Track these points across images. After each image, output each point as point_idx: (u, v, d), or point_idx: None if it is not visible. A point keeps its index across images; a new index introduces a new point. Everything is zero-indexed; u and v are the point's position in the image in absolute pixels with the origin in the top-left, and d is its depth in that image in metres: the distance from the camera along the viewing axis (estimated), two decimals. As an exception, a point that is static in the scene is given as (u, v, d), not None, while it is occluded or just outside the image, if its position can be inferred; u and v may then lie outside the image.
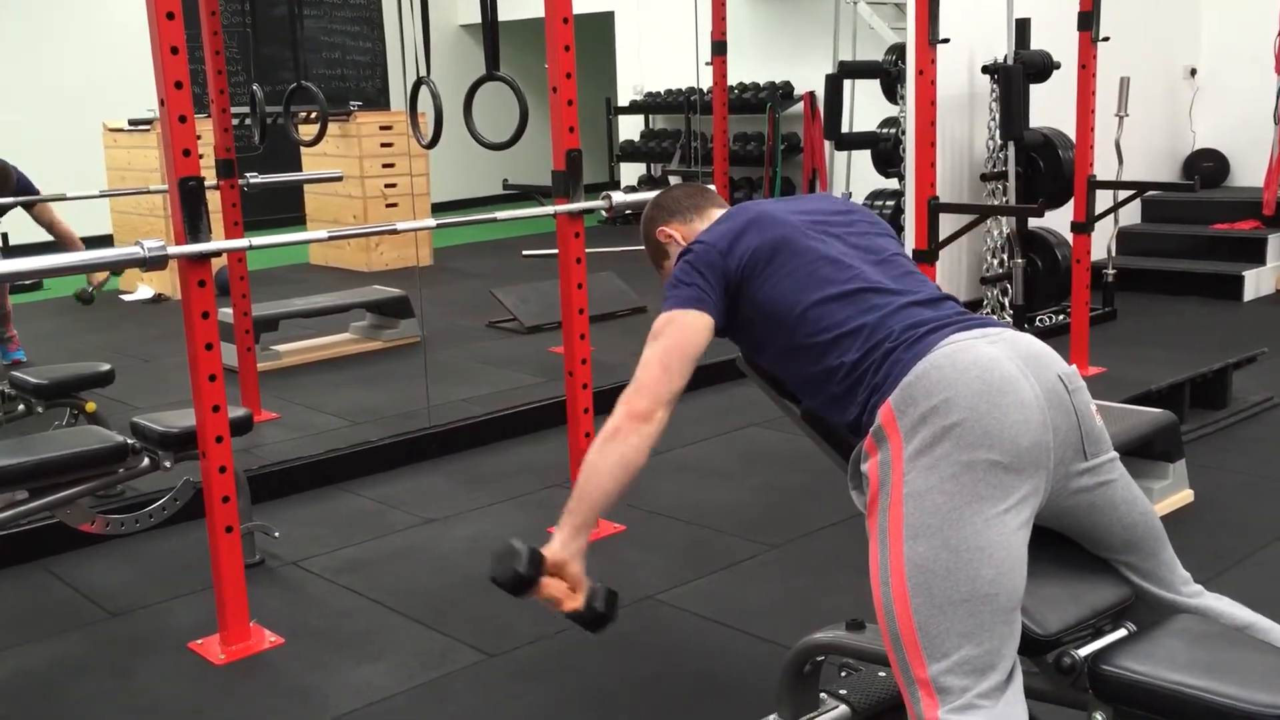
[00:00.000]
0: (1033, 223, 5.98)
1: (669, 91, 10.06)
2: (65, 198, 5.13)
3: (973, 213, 5.32)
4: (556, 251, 3.44)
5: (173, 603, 3.16)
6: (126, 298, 7.61)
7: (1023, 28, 5.90)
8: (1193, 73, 7.64)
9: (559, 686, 2.66)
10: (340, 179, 6.45)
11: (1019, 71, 5.76)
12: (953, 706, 1.61)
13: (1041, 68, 5.90)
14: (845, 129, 7.46)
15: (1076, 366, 1.79)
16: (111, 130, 7.79)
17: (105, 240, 7.77)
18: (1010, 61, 5.80)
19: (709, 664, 2.68)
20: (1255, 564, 3.17)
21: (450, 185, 10.26)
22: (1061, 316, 5.93)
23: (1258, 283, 6.69)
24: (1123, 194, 5.92)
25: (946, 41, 4.47)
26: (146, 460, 3.15)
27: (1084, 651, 1.70)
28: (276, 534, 3.41)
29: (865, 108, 7.65)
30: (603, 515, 3.50)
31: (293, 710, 2.61)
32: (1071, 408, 1.75)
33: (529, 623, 2.95)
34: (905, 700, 1.68)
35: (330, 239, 3.42)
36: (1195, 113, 7.66)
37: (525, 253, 6.36)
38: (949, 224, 4.68)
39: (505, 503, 3.85)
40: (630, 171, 10.94)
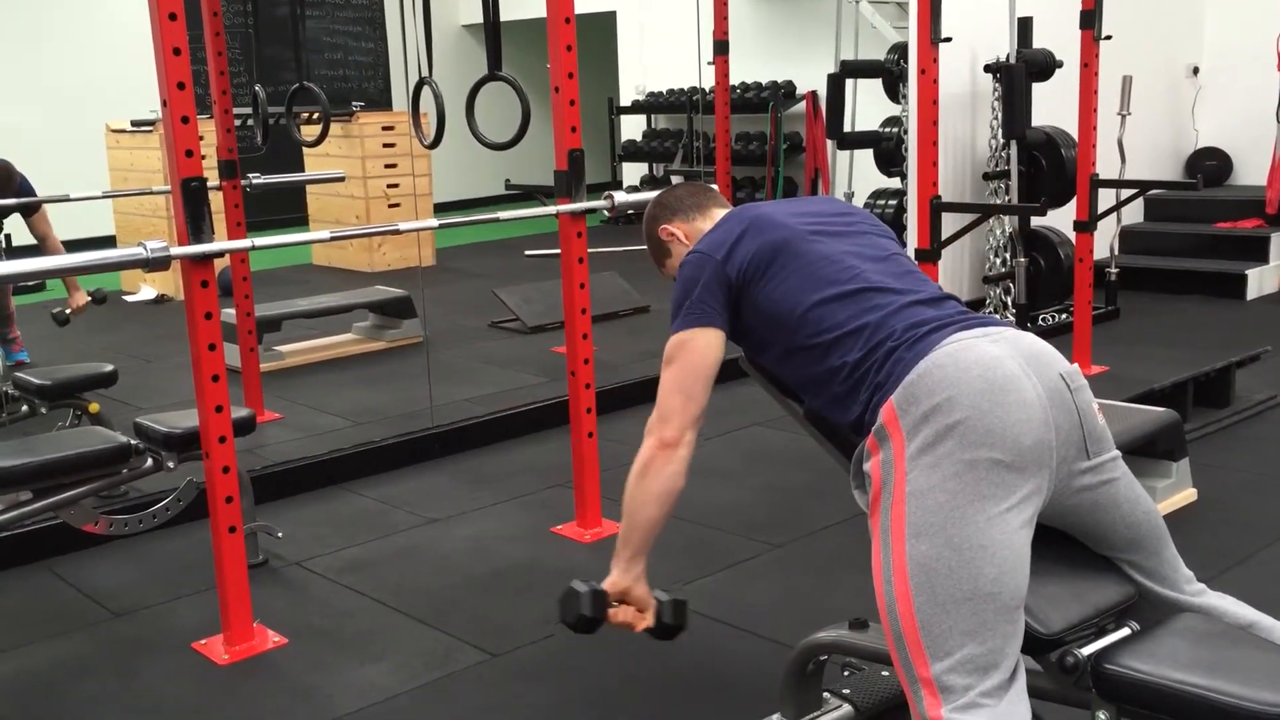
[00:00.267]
0: (1035, 221, 5.98)
1: (671, 91, 10.06)
2: (68, 199, 5.12)
3: (975, 212, 5.32)
4: (559, 251, 3.45)
5: (176, 603, 3.16)
6: (129, 298, 7.61)
7: (1025, 26, 5.90)
8: (1195, 71, 7.63)
9: (562, 686, 2.66)
10: (342, 179, 6.45)
11: (1021, 70, 5.76)
12: (956, 705, 1.61)
13: (1044, 66, 5.89)
14: (847, 128, 7.46)
15: (1079, 365, 1.79)
16: (114, 131, 7.80)
17: (108, 241, 7.78)
18: (1012, 60, 5.80)
19: (712, 663, 2.68)
20: (1258, 563, 3.17)
21: (452, 185, 10.27)
22: (1064, 315, 5.93)
23: (1260, 281, 6.68)
24: (1125, 193, 5.92)
25: (949, 40, 4.46)
26: (150, 461, 3.15)
27: (1087, 650, 1.70)
28: (280, 534, 3.41)
29: (867, 107, 7.65)
30: (607, 516, 3.53)
31: (296, 710, 2.61)
32: (1074, 406, 1.75)
33: (531, 623, 2.95)
34: (908, 699, 1.68)
35: (333, 239, 3.42)
36: (1198, 111, 7.65)
37: (528, 253, 6.36)
38: (951, 223, 4.68)
39: (508, 503, 3.85)
40: (632, 171, 10.94)
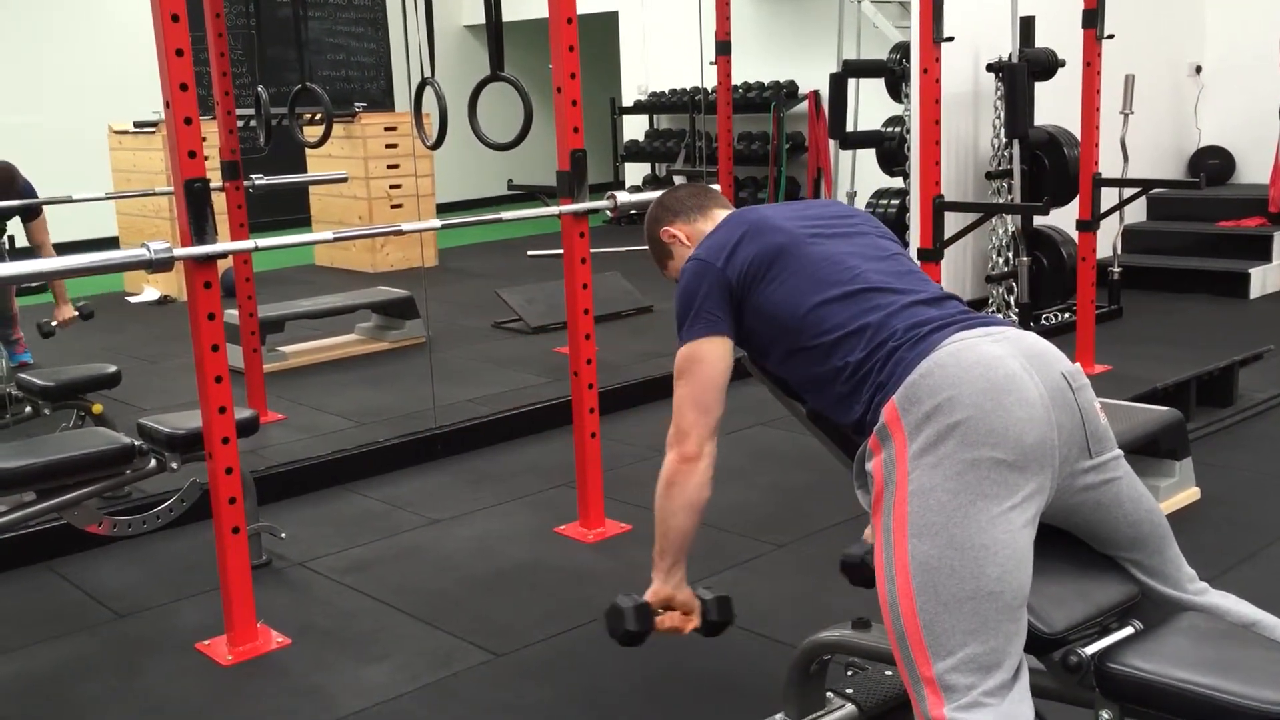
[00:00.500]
0: (1038, 221, 5.98)
1: (673, 91, 10.06)
2: (71, 200, 5.13)
3: (978, 211, 5.32)
4: (561, 251, 3.45)
5: (180, 603, 3.17)
6: (132, 299, 7.62)
7: (1027, 25, 5.90)
8: (1198, 70, 7.62)
9: (565, 686, 2.67)
10: (345, 180, 6.46)
11: (1024, 69, 5.75)
12: (959, 704, 1.61)
13: (1046, 65, 5.89)
14: (850, 128, 7.46)
15: (1080, 364, 1.79)
16: (117, 132, 7.80)
17: (111, 242, 7.79)
18: (1015, 59, 5.80)
19: (715, 663, 2.68)
20: (1261, 561, 3.17)
21: (455, 186, 10.28)
22: (1067, 315, 5.93)
23: (1264, 280, 6.68)
24: (1128, 191, 5.91)
25: (951, 40, 4.47)
26: (153, 462, 3.15)
27: (1090, 649, 1.70)
28: (283, 535, 3.42)
29: (870, 106, 7.65)
30: (610, 516, 3.53)
31: (300, 710, 2.61)
32: (1076, 406, 1.75)
33: (535, 622, 2.95)
34: (911, 698, 1.68)
35: (336, 240, 3.42)
36: (1200, 110, 7.65)
37: (530, 253, 6.37)
38: (954, 222, 4.69)
39: (511, 503, 3.85)
40: (635, 171, 10.94)
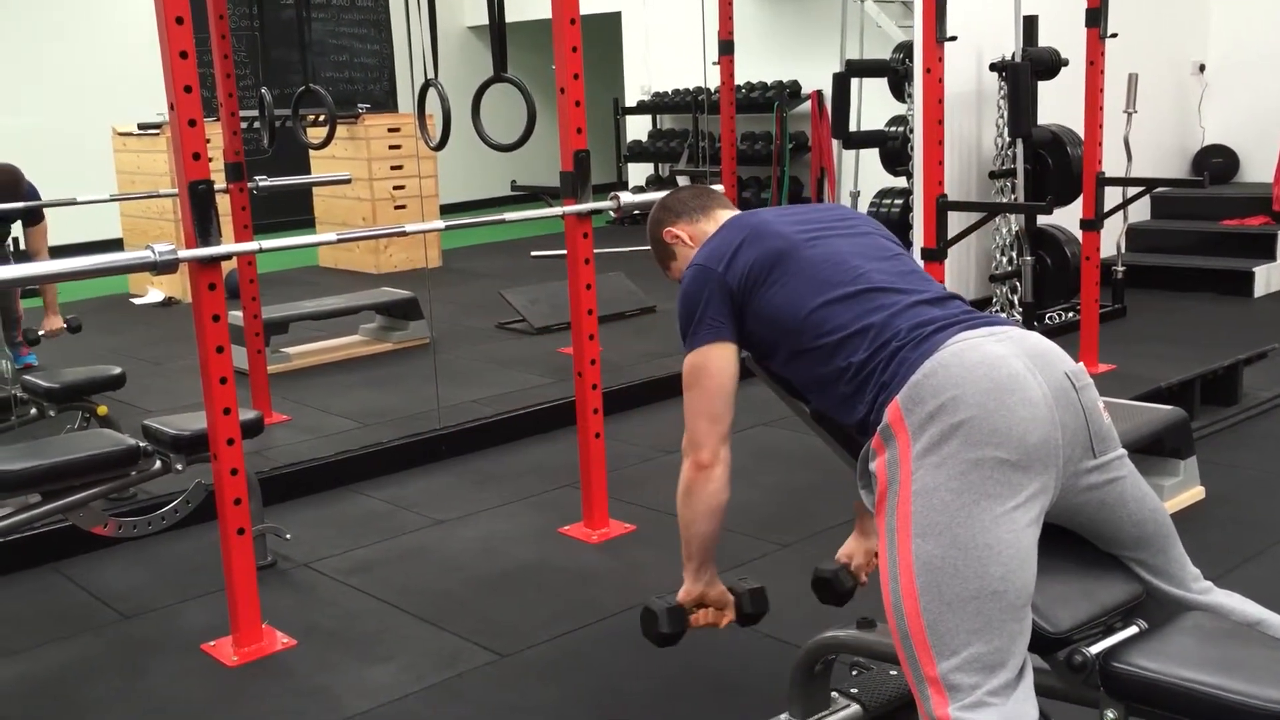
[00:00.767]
0: (1041, 220, 5.97)
1: (676, 91, 10.06)
2: (75, 202, 5.14)
3: (981, 210, 5.32)
4: (565, 252, 3.45)
5: (185, 605, 3.17)
6: (137, 301, 7.63)
7: (1030, 25, 5.89)
8: (1201, 68, 7.61)
9: (570, 686, 2.67)
10: (349, 181, 6.46)
11: (1027, 69, 5.75)
12: (963, 704, 1.61)
13: (1049, 65, 5.89)
14: (853, 128, 7.46)
15: (1084, 364, 1.79)
16: (121, 134, 7.81)
17: (115, 244, 7.79)
18: (1018, 59, 5.79)
19: (720, 663, 2.69)
20: (1266, 560, 3.17)
21: (458, 187, 10.28)
22: (1071, 314, 5.92)
23: (1268, 278, 6.67)
24: (1132, 190, 5.91)
25: (954, 39, 4.47)
26: (158, 463, 3.16)
27: (1095, 649, 1.70)
28: (288, 536, 3.42)
29: (873, 106, 7.65)
30: (614, 516, 3.53)
31: (305, 711, 2.61)
32: (1079, 405, 1.75)
33: (540, 623, 2.96)
34: (915, 698, 1.68)
35: (339, 241, 3.43)
36: (1204, 108, 7.64)
37: (534, 253, 6.39)
38: (958, 222, 4.69)
39: (515, 503, 3.85)
40: (638, 172, 10.94)
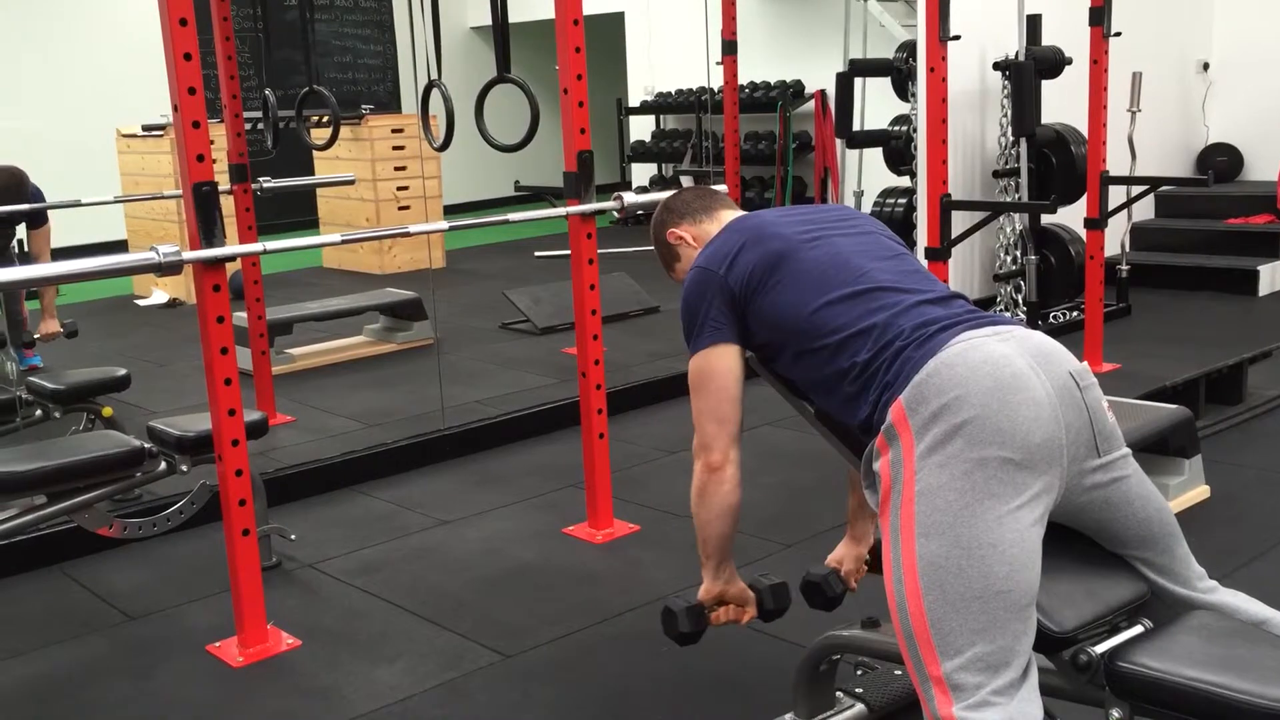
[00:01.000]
0: (1045, 219, 5.97)
1: (680, 91, 10.06)
2: (79, 204, 5.15)
3: (985, 209, 5.32)
4: (569, 252, 3.45)
5: (190, 605, 3.18)
6: (141, 303, 7.64)
7: (1034, 23, 5.89)
8: (1205, 66, 7.61)
9: (575, 686, 2.67)
10: (353, 182, 6.47)
11: (1030, 67, 5.74)
12: (967, 704, 1.61)
13: (1053, 63, 5.88)
14: (856, 127, 7.45)
15: (1088, 363, 1.79)
16: (125, 136, 7.82)
17: (120, 246, 7.81)
18: (1022, 57, 5.79)
19: (724, 663, 2.69)
20: (1271, 559, 3.16)
21: (462, 187, 10.28)
22: (1075, 313, 5.92)
23: (1273, 277, 6.66)
24: (1136, 189, 5.90)
25: (957, 38, 4.47)
26: (163, 464, 3.16)
27: (1100, 648, 1.70)
28: (293, 536, 3.43)
29: (876, 105, 7.64)
30: (618, 517, 3.54)
31: (311, 711, 2.62)
32: (1083, 405, 1.75)
33: (544, 623, 2.96)
34: (920, 698, 1.68)
35: (343, 242, 3.43)
36: (1208, 107, 7.63)
37: (538, 254, 6.39)
38: (961, 221, 4.68)
39: (520, 504, 3.86)
40: (641, 172, 10.94)
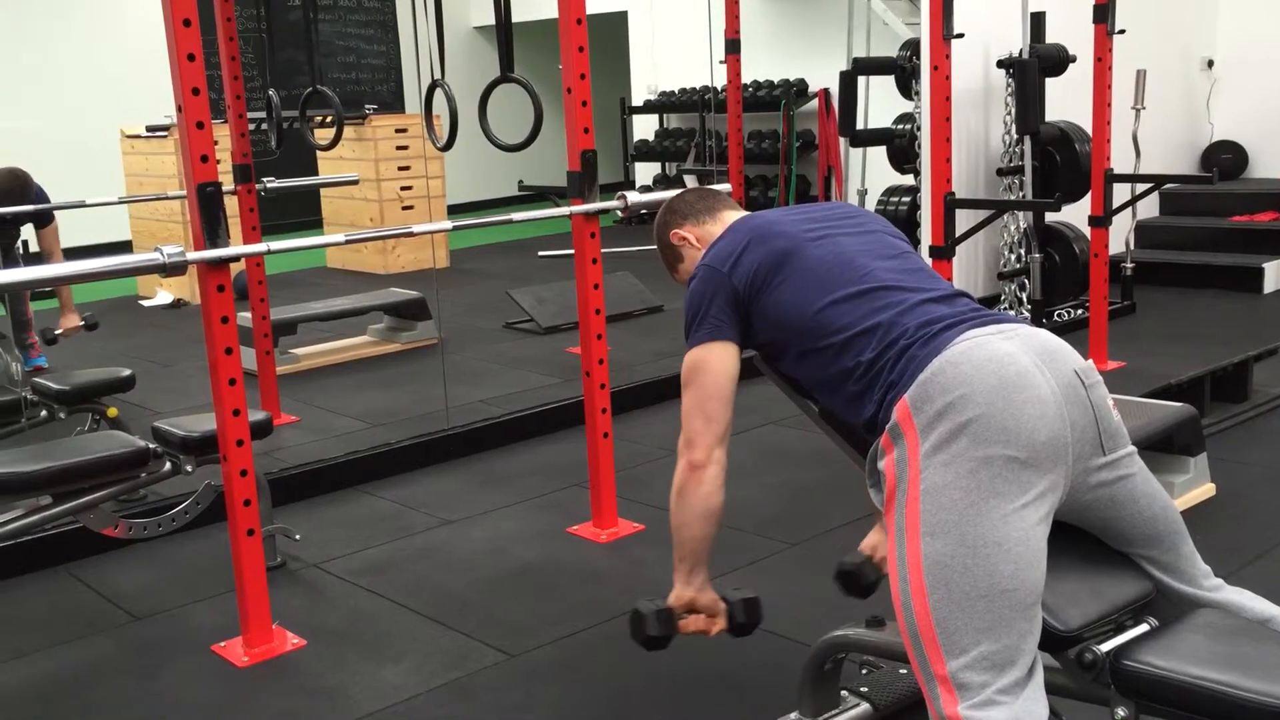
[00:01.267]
0: (1050, 217, 5.96)
1: (683, 90, 10.06)
2: (84, 204, 5.15)
3: (989, 208, 5.31)
4: (572, 252, 3.45)
5: (195, 606, 3.18)
6: (146, 303, 7.65)
7: (1038, 21, 5.88)
8: (1210, 64, 7.59)
9: (579, 686, 2.67)
10: (357, 183, 6.47)
11: (1034, 65, 5.74)
12: (972, 703, 1.61)
13: (1057, 61, 5.87)
14: (860, 125, 7.45)
15: (1093, 361, 1.79)
16: (129, 137, 7.83)
17: (124, 246, 7.82)
18: (1025, 55, 5.78)
19: (729, 662, 2.68)
20: (1277, 557, 3.16)
21: (466, 187, 10.30)
22: (1080, 311, 5.90)
23: (1278, 275, 6.64)
24: (1140, 187, 5.90)
25: (961, 36, 4.46)
26: (168, 464, 3.16)
27: (1106, 647, 1.70)
28: (298, 536, 3.43)
29: (880, 104, 7.64)
30: (623, 516, 3.53)
31: (315, 711, 2.62)
32: (1088, 403, 1.74)
33: (549, 623, 2.96)
34: (925, 697, 1.68)
35: (347, 242, 3.43)
36: (1213, 104, 7.62)
37: (541, 253, 6.39)
38: (966, 219, 4.68)
39: (524, 503, 3.86)
40: (645, 171, 10.94)
